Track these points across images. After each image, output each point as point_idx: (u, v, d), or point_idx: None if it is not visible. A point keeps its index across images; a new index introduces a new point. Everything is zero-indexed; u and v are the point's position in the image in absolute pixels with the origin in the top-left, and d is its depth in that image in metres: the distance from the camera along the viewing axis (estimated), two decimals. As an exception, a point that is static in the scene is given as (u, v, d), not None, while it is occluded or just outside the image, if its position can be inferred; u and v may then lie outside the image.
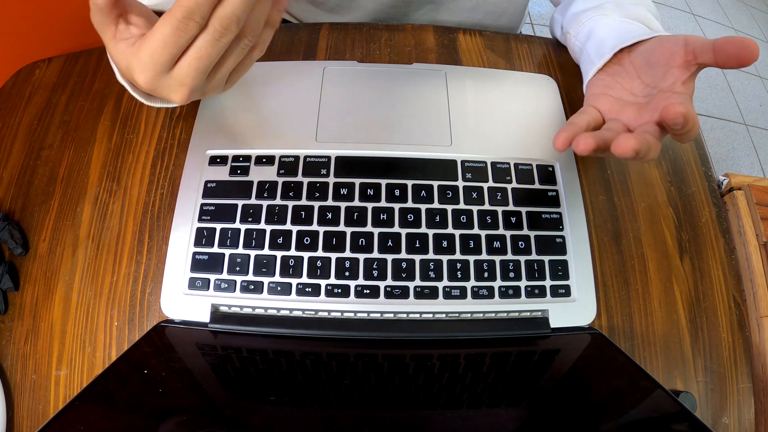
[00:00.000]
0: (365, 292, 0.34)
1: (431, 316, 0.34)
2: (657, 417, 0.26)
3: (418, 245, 0.35)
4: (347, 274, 0.34)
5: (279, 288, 0.33)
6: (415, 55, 0.45)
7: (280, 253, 0.34)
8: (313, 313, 0.34)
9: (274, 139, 0.38)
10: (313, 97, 0.40)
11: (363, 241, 0.35)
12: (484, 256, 0.35)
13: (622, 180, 0.41)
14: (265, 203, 0.35)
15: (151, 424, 0.25)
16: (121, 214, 0.38)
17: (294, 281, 0.34)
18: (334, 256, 0.34)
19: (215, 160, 0.37)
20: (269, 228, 0.35)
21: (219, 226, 0.35)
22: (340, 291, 0.34)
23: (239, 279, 0.34)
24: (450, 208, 0.36)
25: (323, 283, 0.34)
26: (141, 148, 0.40)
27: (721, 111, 1.68)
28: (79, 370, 0.34)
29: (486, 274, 0.34)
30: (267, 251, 0.34)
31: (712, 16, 1.97)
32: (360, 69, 0.42)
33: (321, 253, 0.34)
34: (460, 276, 0.34)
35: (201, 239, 0.35)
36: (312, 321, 0.34)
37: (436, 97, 0.41)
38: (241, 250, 0.34)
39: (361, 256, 0.34)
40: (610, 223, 0.39)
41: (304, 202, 0.36)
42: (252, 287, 0.33)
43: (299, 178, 0.36)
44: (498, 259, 0.35)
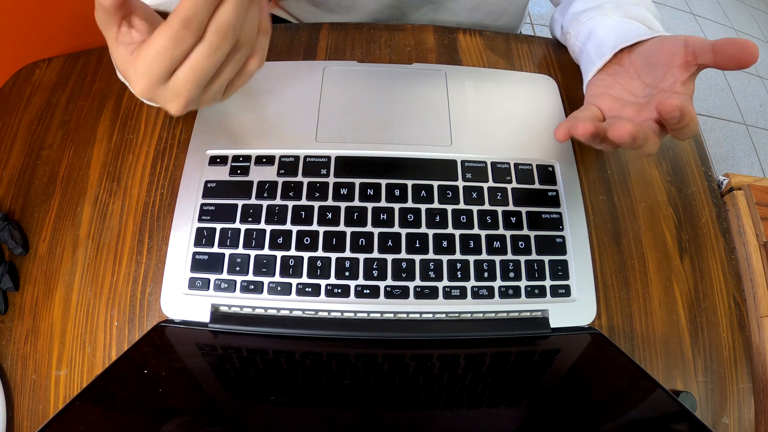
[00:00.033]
0: (365, 292, 0.34)
1: (431, 316, 0.34)
2: (657, 417, 0.26)
3: (418, 245, 0.35)
4: (347, 274, 0.34)
5: (279, 288, 0.33)
6: (415, 55, 0.45)
7: (280, 253, 0.34)
8: (313, 313, 0.34)
9: (274, 139, 0.38)
10: (313, 97, 0.40)
11: (363, 241, 0.35)
12: (484, 256, 0.35)
13: (622, 180, 0.41)
14: (265, 203, 0.35)
15: (151, 424, 0.25)
16: (121, 214, 0.38)
17: (294, 281, 0.34)
18: (334, 256, 0.34)
19: (215, 160, 0.37)
20: (269, 228, 0.35)
21: (219, 226, 0.35)
22: (340, 291, 0.34)
23: (239, 279, 0.34)
24: (450, 208, 0.36)
25: (323, 283, 0.34)
26: (141, 148, 0.40)
27: (721, 111, 1.68)
28: (79, 370, 0.34)
29: (486, 274, 0.34)
30: (267, 251, 0.34)
31: (712, 16, 1.97)
32: (360, 69, 0.42)
33: (321, 253, 0.34)
34: (460, 276, 0.34)
35: (201, 239, 0.35)
36: (312, 321, 0.34)
37: (436, 97, 0.41)
38: (241, 250, 0.34)
39: (361, 256, 0.34)
40: (610, 223, 0.39)
41: (304, 202, 0.36)
42: (252, 287, 0.33)
43: (299, 178, 0.36)
44: (498, 259, 0.35)
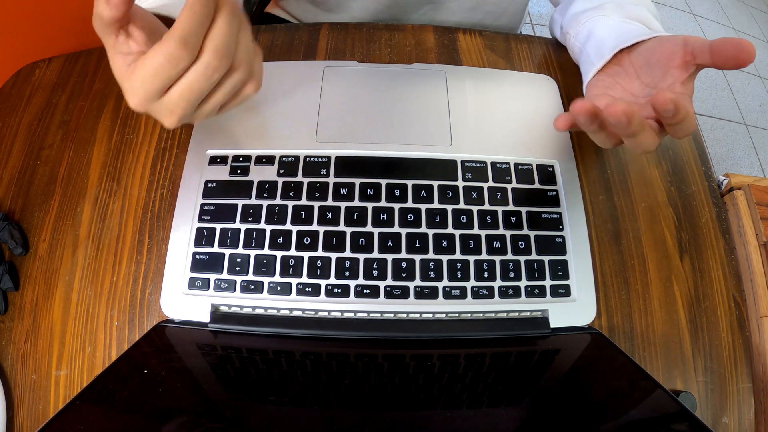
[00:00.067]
0: (365, 292, 0.34)
1: (431, 316, 0.34)
2: (657, 417, 0.26)
3: (418, 245, 0.35)
4: (347, 274, 0.34)
5: (279, 288, 0.33)
6: (415, 55, 0.45)
7: (280, 253, 0.34)
8: (313, 313, 0.34)
9: (274, 139, 0.38)
10: (313, 97, 0.40)
11: (363, 241, 0.35)
12: (484, 256, 0.35)
13: (622, 180, 0.41)
14: (265, 203, 0.35)
15: (151, 424, 0.25)
16: (121, 214, 0.38)
17: (294, 281, 0.34)
18: (334, 256, 0.34)
19: (215, 160, 0.37)
20: (269, 228, 0.35)
21: (219, 226, 0.35)
22: (340, 291, 0.34)
23: (239, 279, 0.34)
24: (450, 208, 0.36)
25: (323, 283, 0.34)
26: (141, 148, 0.40)
27: (721, 111, 1.68)
28: (79, 370, 0.34)
29: (486, 274, 0.34)
30: (267, 251, 0.34)
31: (712, 16, 1.97)
32: (360, 69, 0.42)
33: (321, 253, 0.34)
34: (460, 276, 0.34)
35: (201, 239, 0.35)
36: (312, 321, 0.34)
37: (436, 97, 0.41)
38: (241, 250, 0.34)
39: (361, 256, 0.34)
40: (610, 223, 0.39)
41: (304, 202, 0.36)
42: (252, 287, 0.33)
43: (299, 178, 0.36)
44: (498, 259, 0.35)
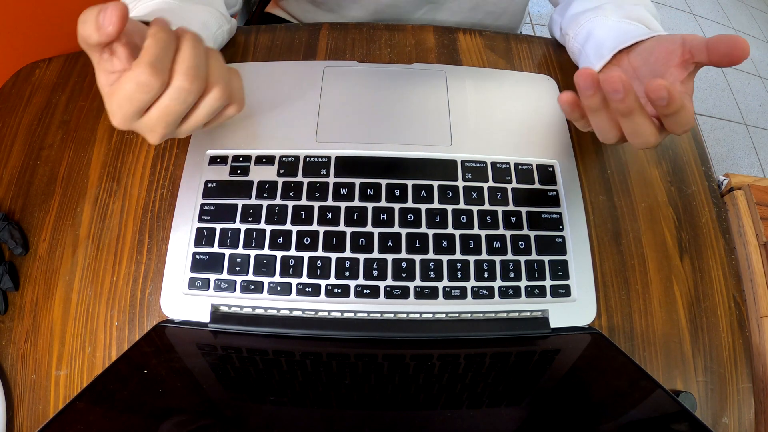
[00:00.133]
0: (365, 292, 0.34)
1: (431, 316, 0.34)
2: (657, 417, 0.26)
3: (418, 245, 0.35)
4: (347, 274, 0.34)
5: (279, 288, 0.33)
6: (415, 55, 0.45)
7: (280, 253, 0.34)
8: (313, 313, 0.34)
9: (274, 139, 0.38)
10: (313, 97, 0.40)
11: (363, 241, 0.35)
12: (484, 256, 0.35)
13: (622, 180, 0.41)
14: (265, 203, 0.35)
15: (151, 424, 0.25)
16: (121, 214, 0.38)
17: (294, 281, 0.34)
18: (334, 256, 0.34)
19: (215, 160, 0.37)
20: (269, 228, 0.35)
21: (219, 226, 0.35)
22: (340, 291, 0.34)
23: (239, 279, 0.34)
24: (450, 208, 0.36)
25: (323, 283, 0.34)
26: (141, 148, 0.40)
27: (721, 111, 1.68)
28: (79, 370, 0.34)
29: (486, 274, 0.34)
30: (267, 251, 0.34)
31: (712, 16, 1.97)
32: (360, 69, 0.42)
33: (321, 253, 0.34)
34: (460, 276, 0.34)
35: (201, 239, 0.35)
36: (312, 321, 0.34)
37: (436, 97, 0.41)
38: (241, 250, 0.34)
39: (361, 256, 0.34)
40: (610, 223, 0.39)
41: (304, 202, 0.36)
42: (252, 287, 0.33)
43: (299, 178, 0.36)
44: (498, 259, 0.35)
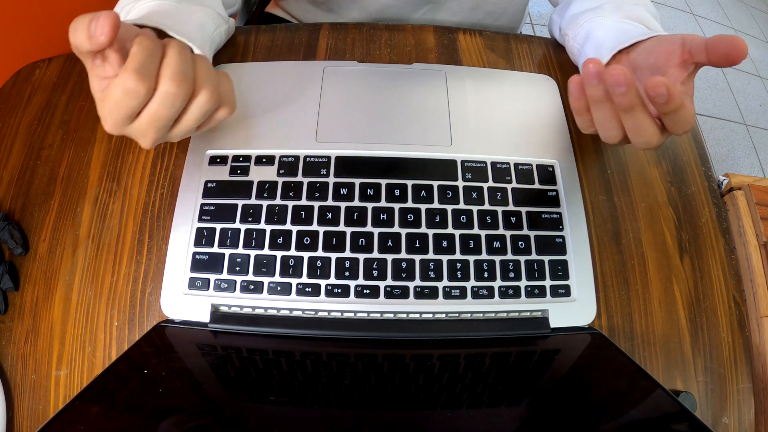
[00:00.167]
0: (365, 292, 0.34)
1: (431, 316, 0.34)
2: (657, 417, 0.26)
3: (418, 245, 0.35)
4: (347, 274, 0.34)
5: (279, 288, 0.33)
6: (415, 55, 0.45)
7: (280, 253, 0.34)
8: (313, 313, 0.34)
9: (274, 139, 0.38)
10: (313, 97, 0.40)
11: (363, 241, 0.35)
12: (484, 256, 0.35)
13: (622, 180, 0.41)
14: (265, 203, 0.35)
15: (151, 424, 0.25)
16: (121, 214, 0.38)
17: (294, 281, 0.34)
18: (334, 256, 0.34)
19: (215, 160, 0.37)
20: (269, 228, 0.35)
21: (219, 226, 0.35)
22: (340, 291, 0.34)
23: (239, 279, 0.34)
24: (450, 208, 0.36)
25: (323, 283, 0.34)
26: (141, 149, 0.40)
27: (721, 111, 1.68)
28: (79, 370, 0.34)
29: (486, 274, 0.34)
30: (267, 251, 0.34)
31: (712, 16, 1.97)
32: (360, 69, 0.42)
33: (321, 253, 0.34)
34: (460, 276, 0.34)
35: (201, 239, 0.35)
36: (312, 321, 0.34)
37: (436, 97, 0.41)
38: (241, 250, 0.34)
39: (361, 256, 0.34)
40: (610, 223, 0.39)
41: (304, 202, 0.36)
42: (252, 287, 0.33)
43: (299, 178, 0.36)
44: (498, 259, 0.35)
